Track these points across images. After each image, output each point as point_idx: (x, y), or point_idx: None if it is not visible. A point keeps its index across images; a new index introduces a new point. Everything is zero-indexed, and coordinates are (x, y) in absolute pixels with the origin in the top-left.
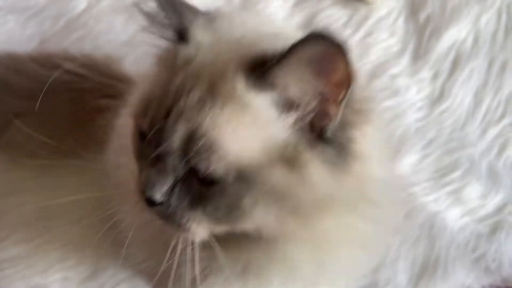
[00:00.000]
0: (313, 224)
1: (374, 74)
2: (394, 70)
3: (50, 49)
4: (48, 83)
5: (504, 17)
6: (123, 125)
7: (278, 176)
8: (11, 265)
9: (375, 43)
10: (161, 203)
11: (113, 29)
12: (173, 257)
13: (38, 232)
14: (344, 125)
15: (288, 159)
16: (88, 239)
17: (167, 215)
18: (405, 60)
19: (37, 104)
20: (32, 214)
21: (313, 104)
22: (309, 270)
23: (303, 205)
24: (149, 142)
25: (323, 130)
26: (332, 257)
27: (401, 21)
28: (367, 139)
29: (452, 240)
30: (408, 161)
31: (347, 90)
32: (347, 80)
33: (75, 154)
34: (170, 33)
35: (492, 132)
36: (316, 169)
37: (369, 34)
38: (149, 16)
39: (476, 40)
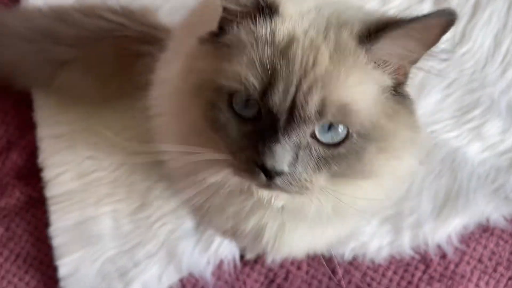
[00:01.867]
0: (401, 161)
1: None
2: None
3: (91, 1)
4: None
5: None
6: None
7: (384, 126)
8: (66, 199)
9: None
10: (287, 173)
11: None
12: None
13: (89, 169)
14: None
15: (387, 112)
16: (135, 175)
17: (289, 182)
18: (427, 5)
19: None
20: (83, 152)
21: (405, 64)
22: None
23: (397, 147)
24: (268, 112)
25: (401, 86)
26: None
27: None
28: None
29: (472, 173)
30: (431, 101)
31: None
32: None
33: (117, 97)
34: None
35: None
36: (404, 118)
37: None
38: None
39: None
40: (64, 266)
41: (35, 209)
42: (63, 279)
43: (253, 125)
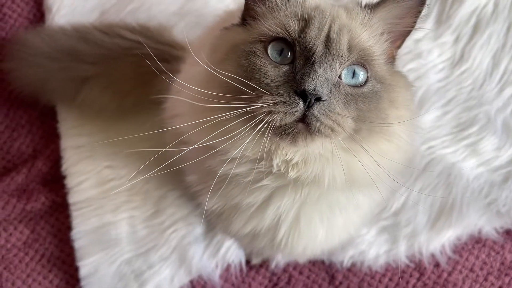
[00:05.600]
0: (407, 116)
1: None
2: (418, 34)
3: (110, 20)
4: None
5: None
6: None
7: (390, 81)
8: (86, 205)
9: None
10: (324, 102)
11: (163, 0)
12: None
13: (107, 178)
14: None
15: (389, 71)
16: (150, 184)
17: (325, 113)
18: (428, 25)
19: (103, 69)
20: (102, 162)
21: (394, 38)
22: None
23: (402, 101)
24: (305, 50)
25: (393, 62)
26: None
27: None
28: None
29: (467, 187)
30: (429, 118)
31: (404, 39)
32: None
33: (135, 111)
34: None
35: (509, 91)
36: (401, 79)
37: None
38: None
39: (496, 5)
40: (85, 266)
41: (59, 213)
42: (84, 279)
43: (289, 66)
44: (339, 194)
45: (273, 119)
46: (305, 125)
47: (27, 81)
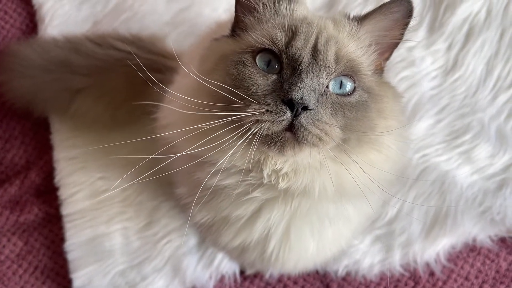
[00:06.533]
0: (395, 126)
1: None
2: (411, 42)
3: (103, 30)
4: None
5: None
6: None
7: (378, 92)
8: (80, 217)
9: None
10: (311, 111)
11: (156, 10)
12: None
13: (100, 189)
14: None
15: (377, 81)
16: (143, 195)
17: (312, 122)
18: (421, 33)
19: (96, 80)
20: (95, 174)
21: (382, 49)
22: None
23: (390, 112)
24: (292, 60)
25: (381, 73)
26: None
27: None
28: None
29: (461, 195)
30: (423, 126)
31: (392, 51)
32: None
33: (128, 122)
34: None
35: (502, 98)
36: (390, 90)
37: None
38: None
39: (488, 13)
40: (78, 278)
41: (52, 225)
42: None
43: (277, 75)
44: (329, 206)
45: (261, 127)
46: (292, 134)
47: (20, 93)
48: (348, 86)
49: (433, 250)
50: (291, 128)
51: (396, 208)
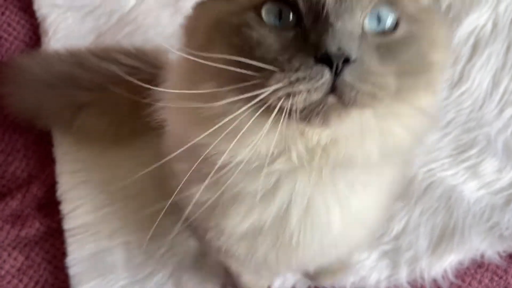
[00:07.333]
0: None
1: None
2: None
3: (106, 43)
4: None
5: None
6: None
7: (424, 19)
8: (82, 231)
9: None
10: (355, 62)
11: (160, 22)
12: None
13: (103, 203)
14: None
15: (423, 7)
16: (145, 209)
17: (359, 76)
18: None
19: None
20: (98, 188)
21: None
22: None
23: (441, 41)
24: (311, 3)
25: None
26: None
27: None
28: None
29: (468, 210)
30: (428, 140)
31: None
32: None
33: (131, 137)
34: None
35: (509, 111)
36: (436, 16)
37: None
38: None
39: (495, 25)
40: None
41: (54, 239)
42: None
43: (294, 30)
44: (359, 172)
45: (295, 102)
46: (336, 97)
47: (22, 106)
48: (390, 18)
49: (440, 266)
50: (333, 90)
51: (403, 222)
